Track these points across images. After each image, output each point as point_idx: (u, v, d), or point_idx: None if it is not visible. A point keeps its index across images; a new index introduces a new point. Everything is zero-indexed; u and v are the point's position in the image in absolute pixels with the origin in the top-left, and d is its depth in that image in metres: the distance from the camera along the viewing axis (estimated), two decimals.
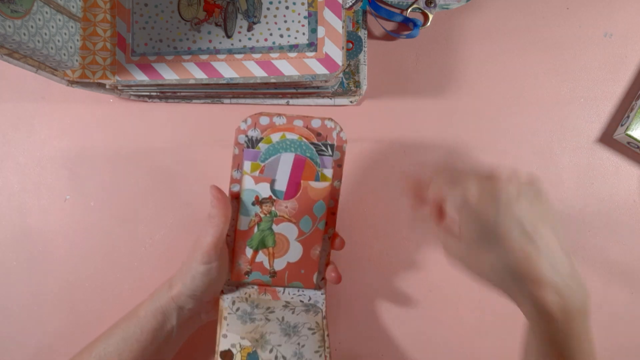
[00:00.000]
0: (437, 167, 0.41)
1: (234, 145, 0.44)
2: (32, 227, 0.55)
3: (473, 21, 0.56)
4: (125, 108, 0.56)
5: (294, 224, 0.44)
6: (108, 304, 0.54)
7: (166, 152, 0.55)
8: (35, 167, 0.55)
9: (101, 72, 0.50)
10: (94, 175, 0.55)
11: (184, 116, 0.56)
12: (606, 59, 0.55)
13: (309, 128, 0.44)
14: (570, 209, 0.54)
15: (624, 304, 0.53)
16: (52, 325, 0.54)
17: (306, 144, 0.43)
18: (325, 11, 0.48)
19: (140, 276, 0.54)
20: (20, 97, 0.56)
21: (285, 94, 0.54)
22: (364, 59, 0.54)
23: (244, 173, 0.44)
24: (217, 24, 0.49)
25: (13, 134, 0.56)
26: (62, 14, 0.47)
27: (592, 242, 0.53)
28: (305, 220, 0.44)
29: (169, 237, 0.54)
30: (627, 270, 0.53)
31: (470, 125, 0.55)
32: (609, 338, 0.52)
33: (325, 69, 0.48)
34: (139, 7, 0.50)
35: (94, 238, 0.54)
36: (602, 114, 0.55)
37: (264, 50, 0.49)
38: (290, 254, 0.44)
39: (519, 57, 0.55)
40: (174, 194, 0.55)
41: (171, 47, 0.50)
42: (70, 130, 0.56)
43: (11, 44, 0.41)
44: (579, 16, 0.55)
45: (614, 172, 0.54)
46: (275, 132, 0.43)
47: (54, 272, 0.54)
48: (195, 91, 0.53)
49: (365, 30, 0.54)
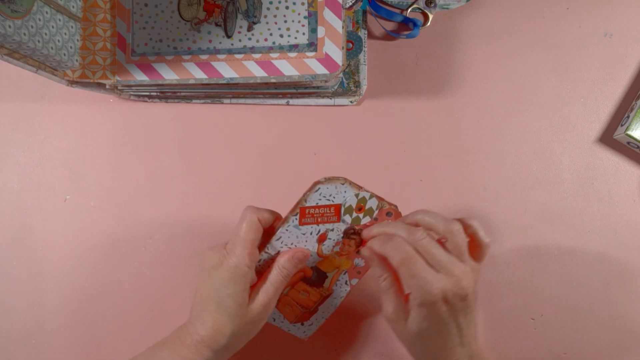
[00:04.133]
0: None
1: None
2: (32, 227, 0.55)
3: (473, 21, 0.56)
4: (125, 108, 0.56)
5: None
6: (108, 304, 0.54)
7: (166, 152, 0.55)
8: (35, 167, 0.55)
9: (101, 72, 0.50)
10: (94, 175, 0.55)
11: (184, 116, 0.56)
12: (606, 59, 0.55)
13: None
14: (570, 209, 0.54)
15: (624, 304, 0.53)
16: (52, 325, 0.54)
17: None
18: (325, 11, 0.48)
19: (140, 276, 0.54)
20: (20, 97, 0.56)
21: (285, 94, 0.54)
22: (364, 59, 0.54)
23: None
24: (217, 24, 0.49)
25: (13, 134, 0.56)
26: (62, 14, 0.47)
27: (592, 242, 0.53)
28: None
29: (169, 237, 0.54)
30: (627, 270, 0.53)
31: (470, 125, 0.55)
32: (609, 338, 0.52)
33: (325, 69, 0.48)
34: (139, 7, 0.50)
35: (94, 238, 0.54)
36: (602, 114, 0.55)
37: (264, 50, 0.49)
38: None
39: (519, 57, 0.55)
40: (174, 194, 0.55)
41: (171, 47, 0.50)
42: (70, 130, 0.56)
43: (11, 44, 0.41)
44: (579, 16, 0.55)
45: (614, 172, 0.54)
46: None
47: (54, 272, 0.54)
48: (195, 91, 0.53)
49: (365, 30, 0.54)
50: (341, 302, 0.47)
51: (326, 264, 0.45)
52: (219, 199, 0.55)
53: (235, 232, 0.40)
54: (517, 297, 0.53)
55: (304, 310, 0.47)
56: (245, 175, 0.55)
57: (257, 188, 0.55)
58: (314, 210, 0.41)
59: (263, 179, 0.55)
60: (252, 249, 0.39)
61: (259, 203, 0.54)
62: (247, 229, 0.39)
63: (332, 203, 0.41)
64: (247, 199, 0.54)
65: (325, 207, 0.41)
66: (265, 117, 0.55)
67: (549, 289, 0.53)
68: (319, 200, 0.41)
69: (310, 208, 0.41)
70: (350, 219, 0.42)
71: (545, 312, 0.53)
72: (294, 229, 0.41)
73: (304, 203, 0.40)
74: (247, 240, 0.39)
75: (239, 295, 0.39)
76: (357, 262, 0.45)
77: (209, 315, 0.40)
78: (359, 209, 0.42)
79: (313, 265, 0.45)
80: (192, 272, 0.54)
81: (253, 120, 0.55)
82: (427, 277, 0.37)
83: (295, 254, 0.42)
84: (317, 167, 0.55)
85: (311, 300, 0.47)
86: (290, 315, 0.47)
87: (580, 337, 0.53)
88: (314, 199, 0.40)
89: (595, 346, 0.53)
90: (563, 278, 0.53)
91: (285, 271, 0.41)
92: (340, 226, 0.42)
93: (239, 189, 0.55)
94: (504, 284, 0.53)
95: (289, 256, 0.41)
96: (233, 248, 0.39)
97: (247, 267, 0.39)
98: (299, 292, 0.46)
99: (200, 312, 0.40)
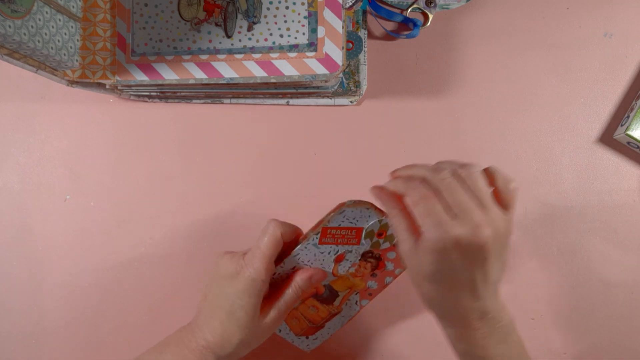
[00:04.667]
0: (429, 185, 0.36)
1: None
2: (32, 227, 0.55)
3: (473, 21, 0.56)
4: (125, 108, 0.56)
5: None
6: (108, 304, 0.54)
7: (166, 152, 0.55)
8: (35, 167, 0.55)
9: (101, 72, 0.50)
10: (94, 175, 0.55)
11: (184, 116, 0.56)
12: (606, 59, 0.55)
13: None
14: (570, 209, 0.54)
15: (624, 304, 0.53)
16: (52, 325, 0.54)
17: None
18: (325, 11, 0.48)
19: (140, 276, 0.54)
20: (20, 97, 0.56)
21: (285, 94, 0.54)
22: (364, 59, 0.54)
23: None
24: (217, 24, 0.49)
25: (13, 134, 0.56)
26: (62, 14, 0.47)
27: (592, 242, 0.53)
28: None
29: (169, 237, 0.54)
30: (627, 271, 0.53)
31: (470, 125, 0.55)
32: (609, 338, 0.52)
33: (325, 69, 0.48)
34: (139, 7, 0.50)
35: (94, 238, 0.54)
36: (602, 114, 0.55)
37: (264, 50, 0.49)
38: None
39: (519, 57, 0.55)
40: (174, 194, 0.55)
41: (171, 47, 0.50)
42: (70, 130, 0.56)
43: (11, 44, 0.41)
44: (579, 16, 0.55)
45: (614, 172, 0.54)
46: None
47: (54, 272, 0.54)
48: (195, 91, 0.53)
49: (365, 30, 0.54)
50: (348, 321, 0.48)
51: (339, 284, 0.45)
52: (219, 199, 0.55)
53: (256, 245, 0.40)
54: (517, 297, 0.53)
55: (310, 325, 0.47)
56: (245, 175, 0.55)
57: (257, 188, 0.55)
58: (335, 232, 0.41)
59: (263, 179, 0.55)
60: (270, 264, 0.39)
61: (258, 203, 0.54)
62: (268, 243, 0.39)
63: (354, 226, 0.41)
64: (247, 199, 0.54)
65: (347, 229, 0.41)
66: (265, 117, 0.55)
67: (549, 289, 0.53)
68: (342, 222, 0.40)
69: (332, 229, 0.40)
70: (370, 243, 0.42)
71: (545, 312, 0.53)
72: (313, 247, 0.41)
73: (327, 224, 0.40)
74: (266, 254, 0.39)
75: (251, 308, 0.39)
76: (371, 284, 0.45)
77: (219, 323, 0.40)
78: (380, 234, 0.42)
79: (326, 284, 0.45)
80: (192, 272, 0.54)
81: (253, 120, 0.55)
82: (442, 219, 0.34)
83: (314, 275, 0.42)
84: (317, 167, 0.55)
85: (319, 316, 0.47)
86: (297, 328, 0.47)
87: (580, 337, 0.53)
88: (337, 221, 0.40)
89: (595, 346, 0.53)
90: (563, 278, 0.53)
91: (301, 290, 0.41)
92: (359, 249, 0.42)
93: (239, 189, 0.55)
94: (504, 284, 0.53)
95: (307, 277, 0.41)
96: (252, 260, 0.39)
97: (263, 281, 0.39)
98: (308, 307, 0.46)
99: (210, 319, 0.40)
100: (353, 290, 0.45)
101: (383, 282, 0.45)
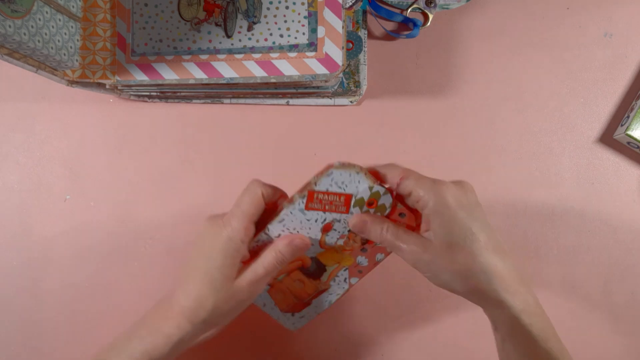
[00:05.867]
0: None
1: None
2: (32, 227, 0.55)
3: (473, 21, 0.56)
4: (125, 108, 0.56)
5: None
6: (108, 304, 0.54)
7: (166, 152, 0.55)
8: (35, 167, 0.55)
9: (101, 72, 0.50)
10: (94, 175, 0.55)
11: (184, 116, 0.56)
12: (606, 59, 0.55)
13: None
14: (570, 209, 0.54)
15: (623, 304, 0.53)
16: (52, 325, 0.54)
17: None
18: (325, 11, 0.48)
19: (140, 276, 0.54)
20: (20, 97, 0.56)
21: (285, 94, 0.54)
22: (364, 59, 0.54)
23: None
24: (217, 24, 0.49)
25: (13, 134, 0.56)
26: (62, 13, 0.47)
27: (592, 242, 0.53)
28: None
29: (169, 237, 0.54)
30: (627, 270, 0.53)
31: (470, 125, 0.55)
32: (610, 338, 0.52)
33: (325, 69, 0.48)
34: (139, 7, 0.50)
35: (94, 238, 0.54)
36: (602, 114, 0.55)
37: (264, 50, 0.49)
38: None
39: (519, 57, 0.55)
40: (174, 194, 0.55)
41: (171, 47, 0.50)
42: (70, 130, 0.56)
43: (11, 44, 0.41)
44: (579, 16, 0.55)
45: (614, 172, 0.54)
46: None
47: (54, 272, 0.54)
48: (195, 91, 0.53)
49: (365, 30, 0.54)
50: (336, 300, 0.46)
51: (327, 257, 0.43)
52: (218, 199, 0.54)
53: (235, 204, 0.38)
54: None
55: (296, 300, 0.45)
56: (245, 175, 0.55)
57: None
58: (322, 197, 0.38)
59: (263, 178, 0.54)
60: (249, 224, 0.38)
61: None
62: (248, 202, 0.38)
63: (343, 192, 0.38)
64: None
65: (335, 194, 0.38)
66: (265, 117, 0.55)
67: (550, 288, 0.53)
68: (330, 187, 0.38)
69: (319, 193, 0.38)
70: (359, 212, 0.39)
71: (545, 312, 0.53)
72: (299, 213, 0.39)
73: (314, 187, 0.38)
74: (246, 213, 0.38)
75: (227, 269, 0.38)
76: (360, 260, 0.43)
77: (194, 285, 0.38)
78: (370, 203, 0.39)
79: (313, 256, 0.43)
80: None
81: (253, 120, 0.55)
82: (434, 180, 0.37)
83: (295, 240, 0.39)
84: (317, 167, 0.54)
85: (305, 292, 0.45)
86: (282, 303, 0.45)
87: (581, 337, 0.53)
88: (325, 184, 0.38)
89: (595, 346, 0.53)
90: (563, 278, 0.53)
91: (281, 256, 0.39)
92: (348, 218, 0.40)
93: (239, 189, 0.54)
94: None
95: (288, 241, 0.39)
96: (230, 219, 0.38)
97: (241, 241, 0.37)
98: (294, 281, 0.44)
99: (185, 283, 0.39)
100: (342, 265, 0.43)
101: (374, 258, 0.43)
